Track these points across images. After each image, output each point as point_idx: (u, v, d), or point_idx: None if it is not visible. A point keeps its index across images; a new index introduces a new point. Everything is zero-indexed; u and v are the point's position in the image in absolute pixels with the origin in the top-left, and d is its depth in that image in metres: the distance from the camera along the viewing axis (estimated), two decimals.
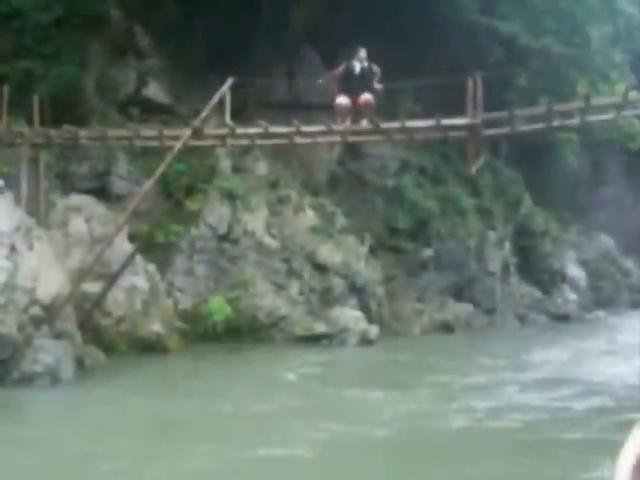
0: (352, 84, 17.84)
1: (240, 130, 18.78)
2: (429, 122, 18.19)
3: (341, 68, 18.08)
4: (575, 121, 17.59)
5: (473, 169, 18.59)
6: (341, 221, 29.02)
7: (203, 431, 12.69)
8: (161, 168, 18.75)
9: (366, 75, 17.88)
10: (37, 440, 12.16)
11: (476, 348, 25.01)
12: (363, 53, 18.02)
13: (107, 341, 19.88)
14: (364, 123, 18.16)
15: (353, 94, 17.82)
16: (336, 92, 18.14)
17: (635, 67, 43.73)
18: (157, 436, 12.56)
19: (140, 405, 14.70)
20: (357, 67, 17.92)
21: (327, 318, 24.95)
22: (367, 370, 21.53)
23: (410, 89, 30.63)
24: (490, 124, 17.86)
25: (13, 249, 16.59)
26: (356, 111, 17.99)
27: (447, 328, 29.51)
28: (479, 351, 23.81)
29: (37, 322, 16.55)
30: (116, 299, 20.54)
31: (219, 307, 23.49)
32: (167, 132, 19.60)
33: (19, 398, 14.99)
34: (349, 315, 25.13)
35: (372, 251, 29.44)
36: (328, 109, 26.29)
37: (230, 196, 26.06)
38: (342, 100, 17.90)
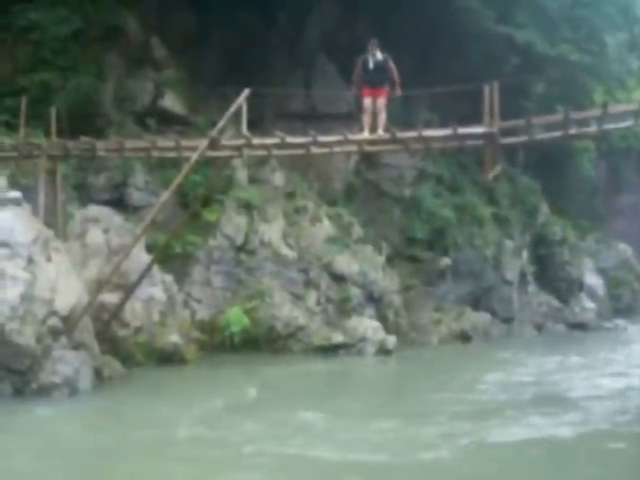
0: (370, 78, 18.11)
1: (256, 141, 18.78)
2: (446, 131, 18.13)
3: (359, 65, 18.23)
4: (592, 129, 17.47)
5: (490, 176, 18.54)
6: (358, 231, 28.99)
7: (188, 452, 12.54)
8: (178, 179, 18.76)
9: (381, 67, 18.04)
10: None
11: (492, 359, 24.56)
12: (374, 46, 18.13)
13: (125, 352, 19.89)
14: (380, 132, 18.17)
15: (373, 87, 18.13)
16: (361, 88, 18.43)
17: None
18: (143, 456, 12.29)
19: (144, 421, 14.61)
20: (371, 62, 18.08)
21: (344, 328, 24.91)
22: (373, 382, 21.44)
23: (426, 98, 30.69)
24: (507, 132, 17.78)
25: (31, 261, 16.65)
26: (374, 112, 18.12)
27: (465, 337, 29.41)
28: (495, 362, 23.46)
29: (55, 333, 16.59)
30: (134, 310, 20.57)
31: (236, 318, 23.49)
32: (184, 143, 19.62)
33: (36, 410, 14.98)
34: (367, 325, 25.09)
35: (389, 261, 29.40)
36: (344, 119, 26.47)
37: (247, 207, 26.11)
38: (367, 103, 18.20)
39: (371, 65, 18.02)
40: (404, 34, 29.93)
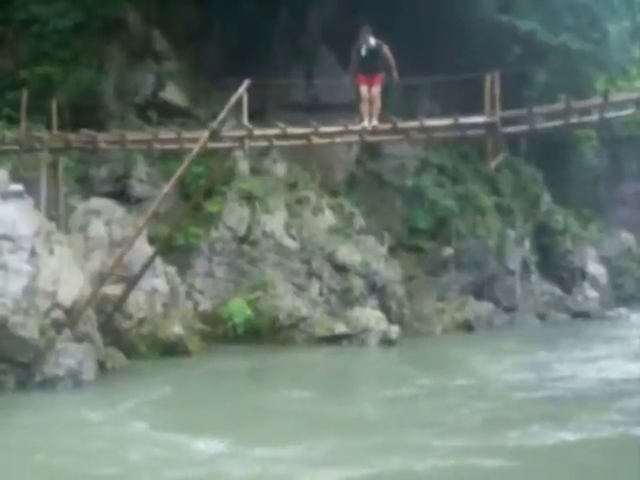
0: (363, 65, 17.99)
1: (258, 131, 18.78)
2: (447, 121, 18.12)
3: (354, 54, 18.11)
4: (594, 118, 17.46)
5: (492, 166, 18.53)
6: (360, 221, 29.02)
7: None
8: (180, 171, 18.77)
9: (374, 54, 17.86)
10: None
11: (495, 350, 24.03)
12: (366, 33, 17.96)
13: (128, 343, 19.90)
14: (374, 122, 18.10)
15: (367, 75, 17.99)
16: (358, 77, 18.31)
17: None
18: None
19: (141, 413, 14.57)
20: (364, 50, 17.92)
21: (347, 318, 24.93)
22: (365, 374, 21.29)
23: (428, 88, 30.70)
24: (508, 122, 17.75)
25: (34, 253, 16.67)
26: (370, 100, 18.07)
27: (468, 327, 29.45)
28: (498, 354, 23.09)
29: (58, 326, 16.62)
30: (137, 301, 20.57)
31: (239, 309, 23.53)
32: (185, 135, 19.61)
33: (37, 402, 15.03)
34: (369, 315, 25.10)
35: (392, 251, 29.43)
36: (346, 109, 26.44)
37: (249, 198, 26.13)
38: (364, 91, 18.06)
39: (364, 52, 17.92)
40: (405, 23, 29.87)
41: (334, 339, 24.12)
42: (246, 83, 18.20)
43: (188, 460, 11.46)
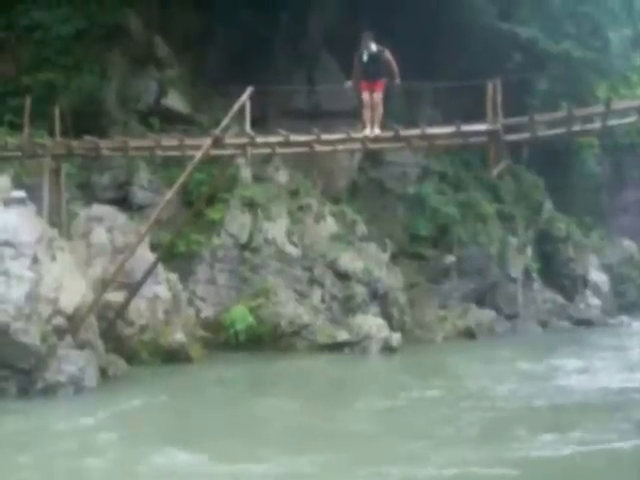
0: (365, 71, 18.03)
1: (260, 139, 18.76)
2: (449, 128, 18.12)
3: (356, 60, 18.15)
4: (596, 125, 17.48)
5: (494, 173, 18.52)
6: (362, 228, 29.01)
7: None
8: (182, 178, 18.77)
9: (376, 60, 17.91)
10: None
11: (497, 358, 23.87)
12: (367, 40, 17.98)
13: (130, 350, 19.88)
14: (376, 130, 18.11)
15: (368, 81, 18.04)
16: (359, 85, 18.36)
17: None
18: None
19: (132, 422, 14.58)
20: (365, 55, 17.97)
21: (349, 326, 24.90)
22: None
23: (429, 94, 30.70)
24: (510, 129, 17.75)
25: (36, 260, 16.65)
26: (372, 107, 18.07)
27: (469, 334, 29.39)
28: (499, 362, 22.99)
29: (60, 332, 16.60)
30: (138, 308, 20.55)
31: (241, 316, 23.49)
32: (188, 142, 19.62)
33: (36, 408, 14.99)
34: (371, 322, 25.07)
35: (393, 258, 29.40)
36: (347, 116, 26.45)
37: (251, 205, 26.11)
38: (365, 97, 18.13)
39: (365, 58, 17.95)
40: (407, 30, 29.88)
41: (336, 346, 24.08)
42: (249, 90, 18.20)
43: (167, 473, 11.25)
